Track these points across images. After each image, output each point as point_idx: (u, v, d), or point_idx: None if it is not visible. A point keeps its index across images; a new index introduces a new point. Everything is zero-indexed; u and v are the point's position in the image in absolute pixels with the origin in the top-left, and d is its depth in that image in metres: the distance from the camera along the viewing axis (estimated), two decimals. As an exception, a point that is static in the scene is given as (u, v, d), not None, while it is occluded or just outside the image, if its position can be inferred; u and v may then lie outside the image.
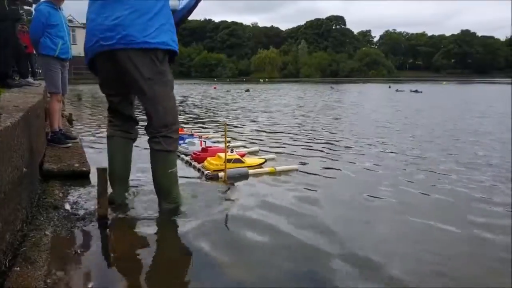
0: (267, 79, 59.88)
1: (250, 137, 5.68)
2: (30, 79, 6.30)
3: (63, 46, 4.00)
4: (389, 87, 26.77)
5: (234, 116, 8.79)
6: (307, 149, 4.75)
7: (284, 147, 4.82)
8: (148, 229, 2.19)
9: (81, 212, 2.37)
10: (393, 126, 6.91)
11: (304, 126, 7.05)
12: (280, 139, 5.50)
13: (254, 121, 7.88)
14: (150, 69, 2.26)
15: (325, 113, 9.55)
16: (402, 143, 5.13)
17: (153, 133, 2.40)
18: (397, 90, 22.92)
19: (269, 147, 4.80)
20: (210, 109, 10.51)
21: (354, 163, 3.98)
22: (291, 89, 25.94)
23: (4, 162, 1.61)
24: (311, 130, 6.50)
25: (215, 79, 57.27)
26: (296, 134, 6.03)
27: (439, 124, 7.29)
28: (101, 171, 2.20)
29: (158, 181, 2.47)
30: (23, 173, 2.04)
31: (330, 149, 4.75)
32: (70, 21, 43.52)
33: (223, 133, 2.99)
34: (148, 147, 2.46)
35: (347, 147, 4.91)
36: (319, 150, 4.68)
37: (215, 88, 26.46)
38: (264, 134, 6.02)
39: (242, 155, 3.80)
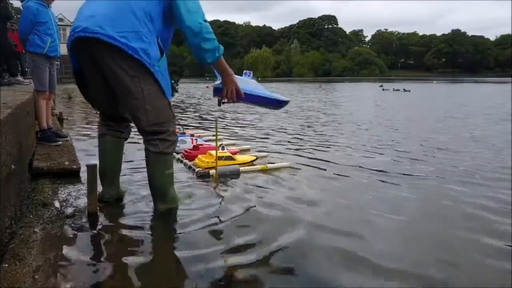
0: (260, 78, 59.83)
1: (241, 135, 5.69)
2: (20, 78, 6.25)
3: (52, 44, 3.97)
4: (381, 85, 26.99)
5: (223, 115, 8.79)
6: (296, 148, 4.76)
7: (275, 146, 4.83)
8: (138, 227, 2.18)
9: (71, 209, 2.35)
10: (370, 128, 6.91)
11: (291, 125, 7.07)
12: (269, 138, 5.51)
13: (243, 119, 7.89)
14: (133, 65, 2.14)
15: (309, 113, 9.57)
16: (377, 147, 5.15)
17: (149, 136, 2.30)
18: (383, 89, 23.40)
19: (260, 144, 4.82)
20: (197, 110, 10.49)
21: (346, 165, 4.00)
22: (280, 88, 25.99)
23: (-8, 158, 1.60)
24: (297, 130, 6.52)
25: (207, 78, 57.06)
26: (284, 133, 6.04)
27: (416, 126, 7.35)
28: (90, 168, 2.19)
29: (154, 183, 2.40)
30: (12, 170, 2.02)
31: (319, 149, 4.77)
32: (61, 19, 43.09)
33: (214, 131, 2.99)
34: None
35: (335, 148, 4.93)
36: (307, 149, 4.70)
37: (207, 87, 26.28)
38: (254, 133, 6.03)
39: (234, 153, 3.81)
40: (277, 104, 2.79)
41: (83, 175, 2.95)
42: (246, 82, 2.63)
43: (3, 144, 1.84)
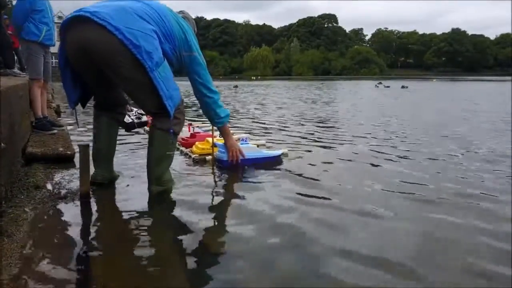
0: (259, 77, 59.88)
1: (239, 126, 5.65)
2: (16, 70, 6.18)
3: (47, 32, 3.93)
4: (380, 83, 27.19)
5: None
6: (292, 138, 4.72)
7: (273, 135, 4.79)
8: (130, 209, 2.13)
9: (63, 191, 2.31)
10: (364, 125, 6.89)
11: (288, 119, 7.04)
12: (267, 128, 5.48)
13: (238, 111, 7.85)
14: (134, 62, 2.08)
15: (301, 109, 9.53)
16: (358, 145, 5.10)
17: (157, 114, 2.27)
18: (376, 86, 24.31)
19: (258, 133, 4.78)
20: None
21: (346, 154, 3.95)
22: (276, 86, 26.09)
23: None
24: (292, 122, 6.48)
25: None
26: (281, 125, 6.01)
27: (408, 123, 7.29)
28: (83, 148, 2.15)
29: (153, 162, 2.35)
30: (1, 149, 1.98)
31: (312, 140, 4.73)
32: (60, 17, 43.11)
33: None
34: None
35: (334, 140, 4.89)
36: (302, 140, 4.66)
37: None
38: (252, 124, 6.00)
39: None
40: (274, 159, 3.27)
41: (78, 160, 2.90)
42: (246, 149, 3.11)
43: (-8, 119, 1.80)
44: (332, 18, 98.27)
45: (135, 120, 2.62)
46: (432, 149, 3.90)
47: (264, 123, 6.13)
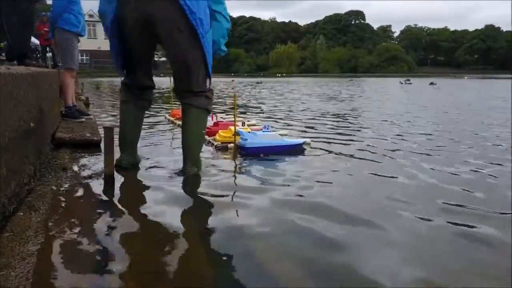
0: (284, 74, 59.70)
1: (261, 116, 5.65)
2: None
3: (83, 23, 4.08)
4: (408, 79, 27.04)
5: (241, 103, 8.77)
6: (313, 130, 4.67)
7: (294, 126, 4.76)
8: (152, 189, 2.17)
9: (89, 172, 2.38)
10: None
11: (306, 112, 6.98)
12: (289, 120, 5.45)
13: (260, 104, 7.84)
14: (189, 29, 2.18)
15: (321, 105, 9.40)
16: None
17: (195, 94, 2.35)
18: (400, 83, 25.41)
19: (281, 125, 4.76)
20: (220, 97, 10.52)
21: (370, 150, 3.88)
22: (298, 82, 25.94)
23: (8, 106, 1.61)
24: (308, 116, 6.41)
25: (232, 74, 57.62)
26: (301, 117, 5.95)
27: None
28: (107, 130, 2.20)
29: (191, 140, 2.41)
30: (31, 128, 2.05)
31: (332, 134, 4.66)
32: (91, 15, 44.24)
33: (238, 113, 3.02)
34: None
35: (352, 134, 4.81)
36: (321, 133, 4.60)
37: (233, 81, 29.25)
38: (272, 115, 5.98)
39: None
40: (295, 147, 3.28)
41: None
42: (268, 137, 3.19)
43: (21, 98, 1.86)
44: (359, 14, 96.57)
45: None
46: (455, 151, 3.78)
47: (280, 117, 6.10)
